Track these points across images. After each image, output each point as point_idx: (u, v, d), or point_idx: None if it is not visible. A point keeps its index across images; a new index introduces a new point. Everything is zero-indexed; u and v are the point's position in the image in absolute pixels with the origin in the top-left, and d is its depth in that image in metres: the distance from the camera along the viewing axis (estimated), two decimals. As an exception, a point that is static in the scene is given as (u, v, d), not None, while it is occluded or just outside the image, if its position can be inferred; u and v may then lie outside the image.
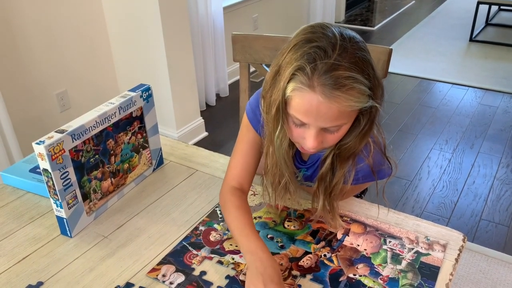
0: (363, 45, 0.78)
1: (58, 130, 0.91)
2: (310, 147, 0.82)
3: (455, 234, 0.95)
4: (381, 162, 0.91)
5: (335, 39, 0.75)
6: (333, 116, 0.76)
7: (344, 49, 0.74)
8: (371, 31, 4.78)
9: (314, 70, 0.73)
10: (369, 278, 0.85)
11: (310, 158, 1.02)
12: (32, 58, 2.26)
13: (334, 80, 0.73)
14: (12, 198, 1.11)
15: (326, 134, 0.81)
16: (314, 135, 0.80)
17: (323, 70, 0.73)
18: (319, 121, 0.78)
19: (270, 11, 3.88)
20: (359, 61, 0.75)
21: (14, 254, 0.94)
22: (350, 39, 0.76)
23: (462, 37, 4.48)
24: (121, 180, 1.10)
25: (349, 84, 0.73)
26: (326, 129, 0.80)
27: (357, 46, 0.76)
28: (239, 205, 0.94)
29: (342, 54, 0.74)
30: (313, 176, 1.04)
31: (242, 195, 0.97)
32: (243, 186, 0.99)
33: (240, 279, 0.86)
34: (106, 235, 0.99)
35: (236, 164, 1.00)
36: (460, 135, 2.84)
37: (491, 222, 2.12)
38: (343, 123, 0.80)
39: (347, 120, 0.80)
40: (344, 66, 0.73)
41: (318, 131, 0.80)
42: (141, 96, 1.09)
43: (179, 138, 2.69)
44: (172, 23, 2.44)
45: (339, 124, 0.79)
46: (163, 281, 0.86)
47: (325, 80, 0.73)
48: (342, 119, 0.78)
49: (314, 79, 0.74)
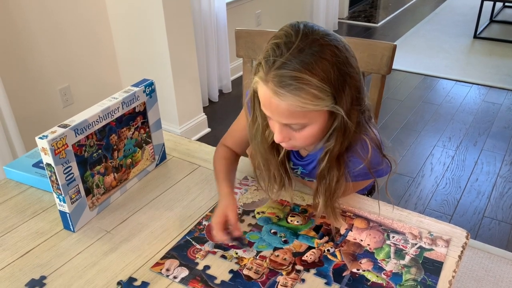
0: (331, 49, 0.76)
1: (61, 125, 0.91)
2: (277, 140, 0.85)
3: (458, 231, 0.95)
4: (378, 161, 0.91)
5: (294, 39, 0.76)
6: (285, 113, 0.78)
7: (300, 50, 0.75)
8: (374, 27, 4.76)
9: (268, 66, 0.76)
10: (372, 273, 0.85)
11: (308, 155, 1.01)
12: (35, 54, 2.26)
13: (279, 78, 0.75)
14: (15, 193, 1.12)
15: (292, 131, 0.83)
16: (278, 129, 0.83)
17: (274, 66, 0.76)
18: (275, 116, 0.81)
19: (273, 7, 3.88)
20: (315, 64, 0.74)
21: (17, 249, 0.94)
22: (313, 41, 0.75)
23: (466, 34, 4.46)
24: (124, 175, 1.10)
25: (295, 84, 0.74)
26: (290, 126, 0.82)
27: (319, 49, 0.75)
28: (225, 156, 1.06)
29: (295, 54, 0.74)
30: (311, 174, 1.03)
31: (232, 152, 1.09)
32: (236, 149, 1.10)
33: (243, 273, 0.86)
34: (109, 230, 0.99)
35: (234, 133, 1.10)
36: (464, 132, 2.84)
37: (494, 219, 2.11)
38: (303, 123, 0.81)
39: (307, 121, 0.80)
40: (293, 67, 0.74)
41: (281, 126, 0.82)
42: (144, 91, 1.09)
43: (182, 133, 2.69)
44: (175, 18, 2.44)
45: (296, 122, 0.80)
46: (167, 275, 0.86)
47: (273, 77, 0.76)
48: (297, 118, 0.79)
49: (268, 74, 0.76)
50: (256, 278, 0.85)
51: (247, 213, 1.02)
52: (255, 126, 0.92)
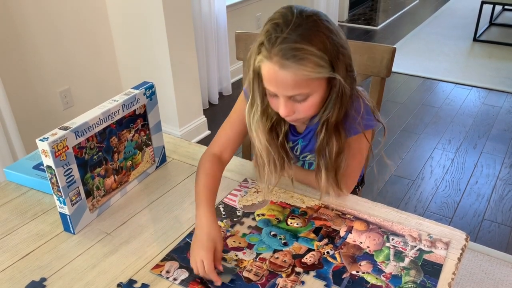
0: (323, 21, 0.86)
1: (62, 127, 0.92)
2: (283, 115, 0.91)
3: (457, 233, 0.95)
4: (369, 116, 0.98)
5: (291, 17, 0.84)
6: (290, 84, 0.85)
7: (297, 26, 0.83)
8: (374, 30, 4.77)
9: (270, 44, 0.84)
10: (372, 275, 0.85)
11: (305, 130, 1.06)
12: (36, 56, 2.26)
13: (283, 51, 0.82)
14: (15, 195, 1.12)
15: (296, 104, 0.90)
16: (284, 104, 0.89)
17: (277, 43, 0.83)
18: (281, 89, 0.87)
19: (274, 9, 3.82)
20: (312, 36, 0.83)
21: (18, 250, 0.94)
22: (307, 17, 0.85)
23: (465, 37, 4.47)
24: (124, 177, 1.10)
25: (299, 55, 0.82)
26: (294, 98, 0.88)
27: (313, 23, 0.84)
28: (209, 172, 1.02)
29: (294, 30, 0.83)
30: (311, 145, 1.07)
31: (218, 163, 1.06)
32: (223, 155, 1.08)
33: (243, 275, 0.86)
34: (109, 232, 0.99)
35: (223, 133, 1.10)
36: (463, 135, 2.84)
37: (493, 222, 2.11)
38: (306, 93, 0.87)
39: (309, 90, 0.87)
40: (295, 39, 0.82)
41: (286, 99, 0.88)
42: (145, 93, 1.09)
43: (182, 136, 2.70)
44: (176, 21, 2.44)
45: (300, 92, 0.87)
46: (167, 277, 0.86)
47: (278, 52, 0.83)
48: (302, 88, 0.86)
49: (271, 51, 0.84)
50: (256, 280, 0.85)
51: (247, 215, 1.02)
52: (253, 110, 0.97)
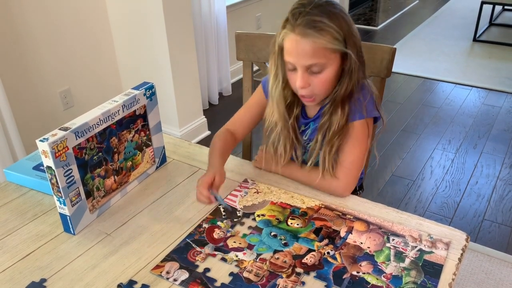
0: (339, 7, 1.00)
1: (62, 128, 0.92)
2: (300, 85, 1.01)
3: (458, 233, 0.95)
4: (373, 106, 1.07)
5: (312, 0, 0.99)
6: (309, 53, 0.97)
7: (319, 5, 0.97)
8: (374, 30, 4.77)
9: (294, 18, 0.97)
10: (372, 276, 0.85)
11: (315, 115, 1.13)
12: (36, 56, 2.26)
13: (306, 22, 0.96)
14: (15, 195, 1.12)
15: (311, 77, 1.00)
16: (301, 75, 1.00)
17: (300, 17, 0.97)
18: (300, 58, 0.98)
19: (273, 10, 3.88)
20: (331, 14, 0.97)
21: (18, 251, 0.94)
22: (327, 2, 0.99)
23: (465, 37, 4.47)
24: (124, 178, 1.10)
25: (319, 26, 0.95)
26: (310, 70, 0.99)
27: (332, 6, 0.99)
28: (222, 139, 1.17)
29: (316, 8, 0.97)
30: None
31: (230, 135, 1.20)
32: (236, 132, 1.21)
33: (244, 276, 0.86)
34: (109, 233, 0.99)
35: (238, 115, 1.24)
36: (463, 135, 2.84)
37: (494, 222, 2.11)
38: (323, 63, 0.98)
39: (325, 61, 0.98)
40: (316, 14, 0.96)
41: (303, 71, 0.99)
42: (145, 94, 1.09)
43: (182, 136, 2.70)
44: (176, 22, 2.44)
45: (318, 62, 0.98)
46: (167, 278, 0.86)
47: (300, 23, 0.96)
48: (319, 57, 0.97)
49: (295, 24, 0.97)
50: (256, 281, 0.85)
51: (247, 215, 1.02)
52: (276, 83, 1.08)
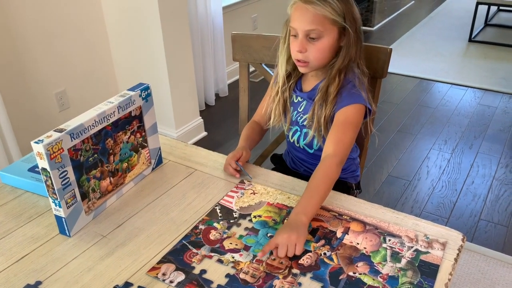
0: None
1: (57, 129, 0.91)
2: (297, 49, 1.11)
3: (454, 233, 0.95)
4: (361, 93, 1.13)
5: None
6: (310, 19, 1.08)
7: None
8: (370, 31, 4.78)
9: None
10: (369, 276, 0.85)
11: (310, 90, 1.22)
12: (31, 58, 2.25)
13: None
14: (10, 198, 1.11)
15: (309, 44, 1.10)
16: (300, 40, 1.11)
17: None
18: (302, 23, 1.09)
19: (269, 11, 3.88)
20: None
21: (13, 254, 0.94)
22: None
23: (461, 38, 4.48)
24: (120, 180, 1.10)
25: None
26: (309, 36, 1.09)
27: None
28: (251, 126, 1.34)
29: None
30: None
31: (257, 125, 1.36)
32: (260, 122, 1.36)
33: (240, 277, 0.86)
34: (105, 235, 0.99)
35: (260, 107, 1.37)
36: (459, 135, 2.85)
37: (490, 222, 2.12)
38: (321, 31, 1.08)
39: (324, 30, 1.08)
40: None
41: (303, 36, 1.10)
42: (140, 95, 1.09)
43: (178, 137, 2.69)
44: (172, 22, 2.44)
45: (316, 28, 1.08)
46: (163, 279, 0.86)
47: None
48: (318, 24, 1.08)
49: None
50: (253, 282, 0.85)
51: (244, 217, 1.02)
52: (284, 46, 1.20)
